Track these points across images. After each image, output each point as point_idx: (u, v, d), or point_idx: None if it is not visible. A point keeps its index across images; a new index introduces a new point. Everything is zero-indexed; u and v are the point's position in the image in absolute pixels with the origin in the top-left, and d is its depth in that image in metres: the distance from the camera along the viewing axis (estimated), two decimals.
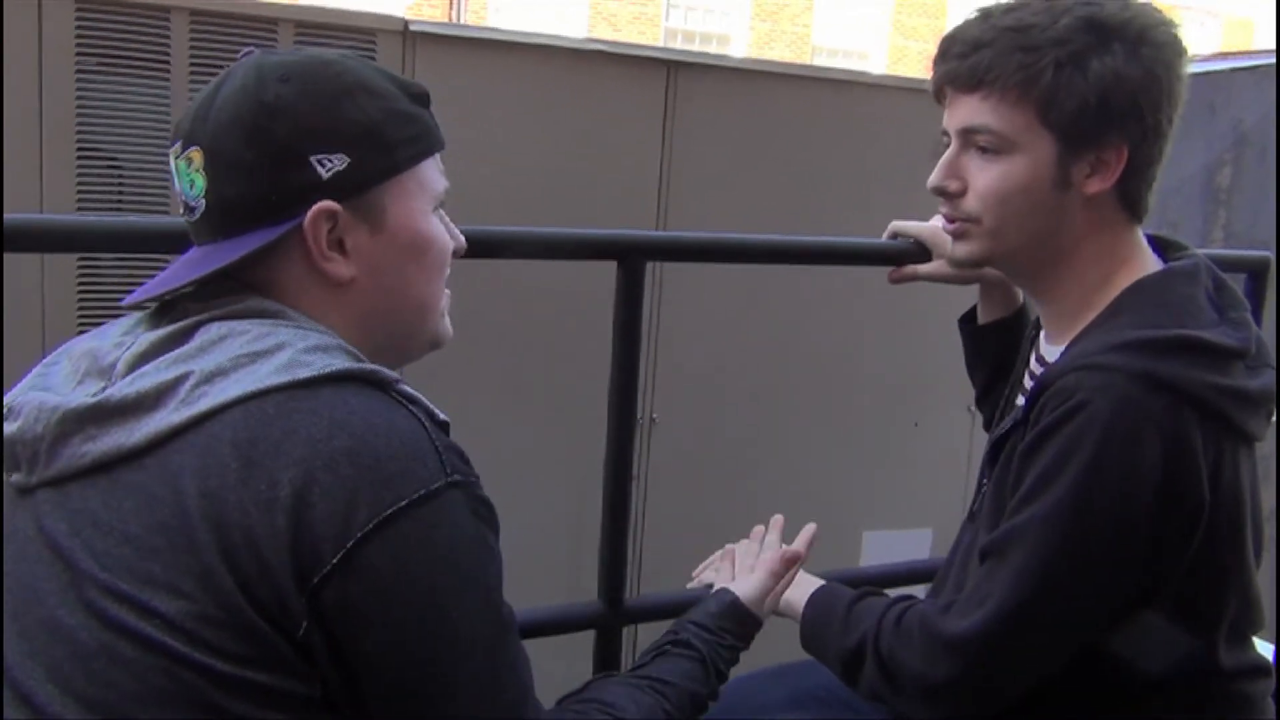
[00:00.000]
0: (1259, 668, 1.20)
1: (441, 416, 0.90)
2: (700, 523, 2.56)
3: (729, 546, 1.40)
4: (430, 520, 0.83)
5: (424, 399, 0.90)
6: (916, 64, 17.51)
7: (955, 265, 1.27)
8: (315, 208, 0.90)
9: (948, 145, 1.22)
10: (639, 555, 2.67)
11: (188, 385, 0.84)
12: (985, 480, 1.26)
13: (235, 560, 0.79)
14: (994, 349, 1.52)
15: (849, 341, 2.86)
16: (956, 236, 1.23)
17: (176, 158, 0.93)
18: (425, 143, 0.98)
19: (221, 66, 0.96)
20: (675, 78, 2.56)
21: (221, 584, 0.79)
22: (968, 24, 1.18)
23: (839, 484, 2.88)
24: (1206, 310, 1.14)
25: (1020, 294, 1.51)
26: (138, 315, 0.97)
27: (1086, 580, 1.07)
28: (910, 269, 1.50)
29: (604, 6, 17.15)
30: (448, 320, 1.04)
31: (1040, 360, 1.29)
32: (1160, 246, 1.24)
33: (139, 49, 2.07)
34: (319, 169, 0.90)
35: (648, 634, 2.64)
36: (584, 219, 2.37)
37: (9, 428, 0.88)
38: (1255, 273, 1.77)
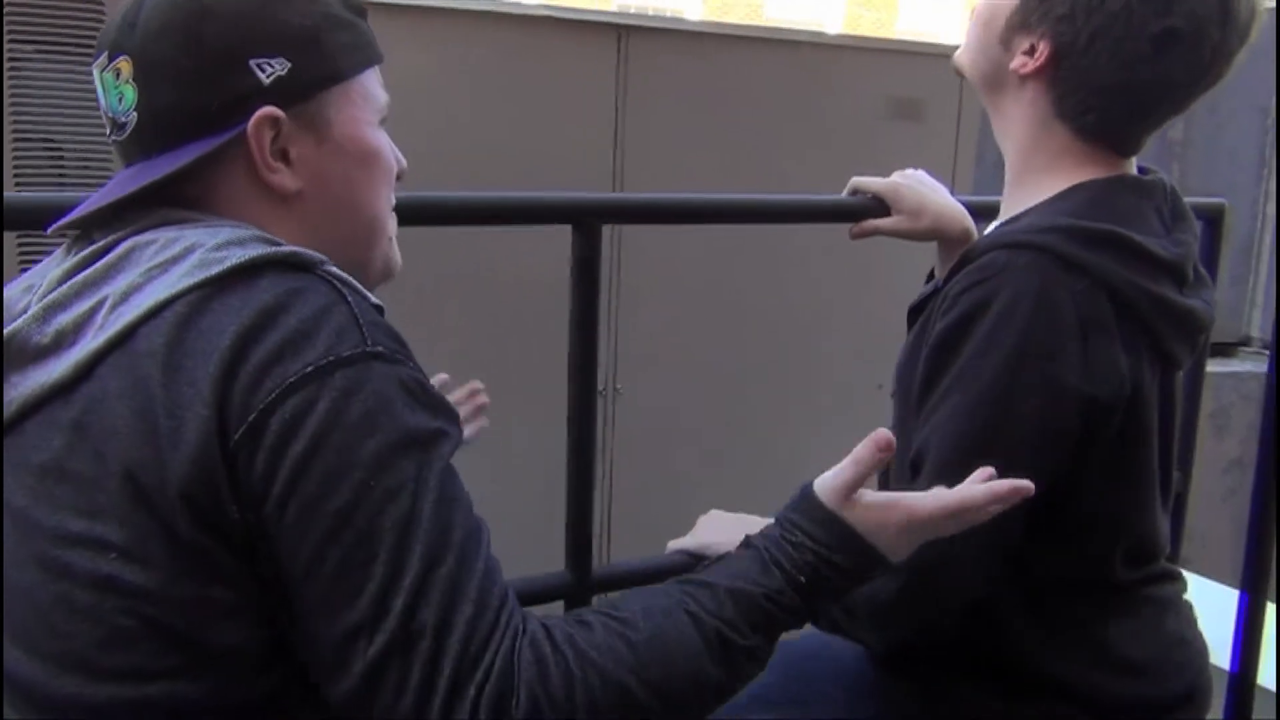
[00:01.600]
0: (1165, 574, 1.24)
1: (374, 301, 0.85)
2: (668, 491, 2.56)
3: (705, 515, 1.40)
4: (343, 387, 0.77)
5: (354, 281, 0.85)
6: (872, 32, 17.54)
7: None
8: (259, 113, 0.87)
9: None
10: (608, 526, 2.66)
11: (103, 310, 0.81)
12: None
13: (171, 470, 0.76)
14: None
15: (811, 305, 2.85)
16: None
17: (102, 70, 0.88)
18: (366, 52, 0.95)
19: None
20: (626, 42, 2.53)
21: (162, 498, 0.76)
22: None
23: (805, 448, 2.87)
24: (1151, 222, 1.16)
25: None
26: (40, 265, 0.92)
27: (1011, 469, 1.03)
28: (871, 224, 1.49)
29: None
30: (396, 248, 1.01)
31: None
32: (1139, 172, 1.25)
33: (72, 30, 2.01)
34: (259, 73, 0.87)
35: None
36: (540, 188, 2.35)
37: None
38: (1211, 219, 1.78)
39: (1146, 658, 1.19)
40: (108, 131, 0.90)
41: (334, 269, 0.85)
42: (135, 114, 0.87)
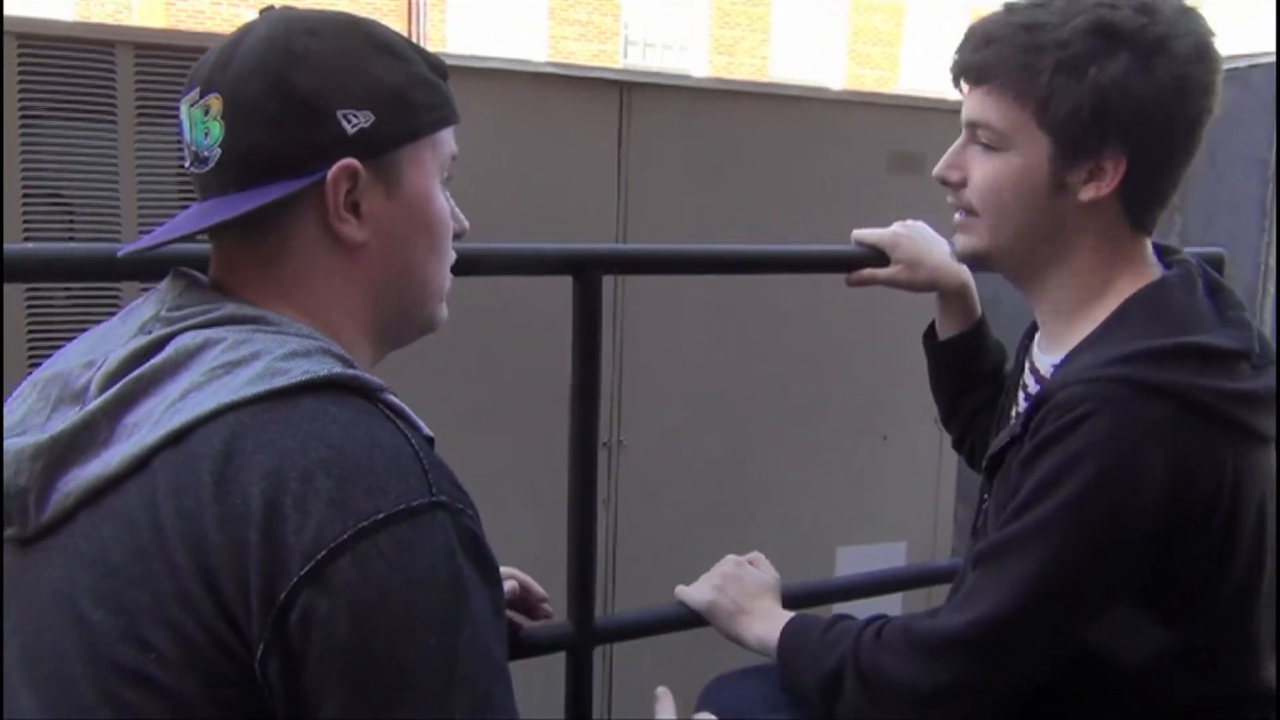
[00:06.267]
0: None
1: (426, 432, 0.86)
2: (674, 543, 2.54)
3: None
4: (408, 539, 0.77)
5: (410, 411, 0.86)
6: (874, 88, 17.75)
7: (956, 259, 1.28)
8: (340, 164, 0.88)
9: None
10: (613, 577, 2.64)
11: (161, 406, 0.81)
12: (986, 496, 1.24)
13: (213, 582, 0.75)
14: (955, 365, 1.52)
15: (815, 356, 2.85)
16: (959, 229, 1.24)
17: (191, 105, 0.89)
18: (444, 111, 0.98)
19: (168, 101, 0.95)
20: (628, 97, 2.57)
21: (202, 609, 0.75)
22: (990, 17, 1.17)
23: (810, 501, 2.86)
24: (1207, 315, 1.12)
25: (978, 307, 1.51)
26: (100, 331, 0.92)
27: (1084, 588, 1.06)
28: (868, 273, 1.49)
29: (562, 46, 17.30)
30: (445, 305, 1.03)
31: (1034, 371, 1.28)
32: (1160, 252, 1.22)
33: (84, 85, 2.04)
34: (344, 124, 0.89)
35: (621, 652, 2.59)
36: (543, 239, 2.37)
37: None
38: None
39: None
40: (187, 163, 0.92)
41: (392, 399, 0.85)
42: (219, 150, 0.88)
